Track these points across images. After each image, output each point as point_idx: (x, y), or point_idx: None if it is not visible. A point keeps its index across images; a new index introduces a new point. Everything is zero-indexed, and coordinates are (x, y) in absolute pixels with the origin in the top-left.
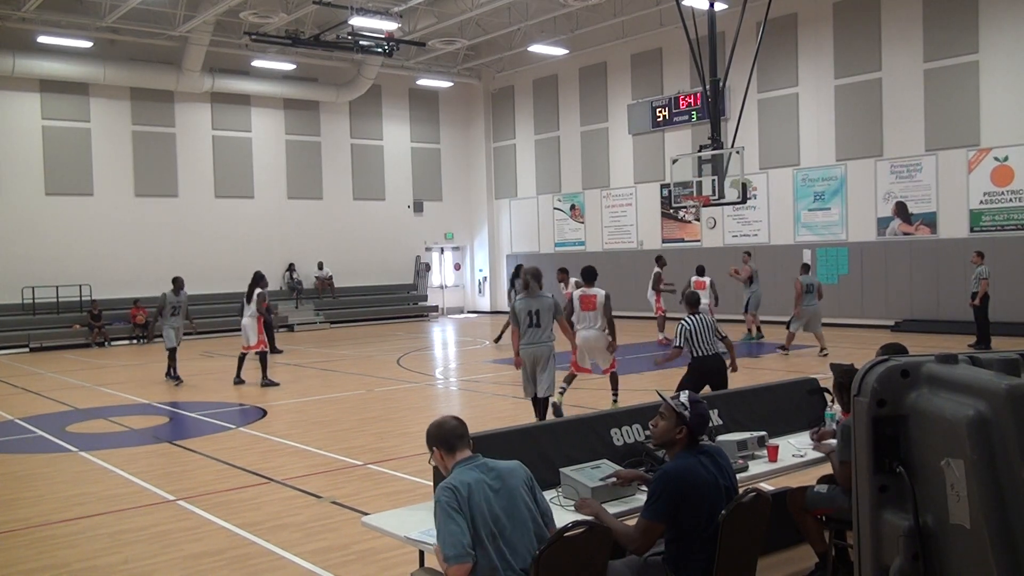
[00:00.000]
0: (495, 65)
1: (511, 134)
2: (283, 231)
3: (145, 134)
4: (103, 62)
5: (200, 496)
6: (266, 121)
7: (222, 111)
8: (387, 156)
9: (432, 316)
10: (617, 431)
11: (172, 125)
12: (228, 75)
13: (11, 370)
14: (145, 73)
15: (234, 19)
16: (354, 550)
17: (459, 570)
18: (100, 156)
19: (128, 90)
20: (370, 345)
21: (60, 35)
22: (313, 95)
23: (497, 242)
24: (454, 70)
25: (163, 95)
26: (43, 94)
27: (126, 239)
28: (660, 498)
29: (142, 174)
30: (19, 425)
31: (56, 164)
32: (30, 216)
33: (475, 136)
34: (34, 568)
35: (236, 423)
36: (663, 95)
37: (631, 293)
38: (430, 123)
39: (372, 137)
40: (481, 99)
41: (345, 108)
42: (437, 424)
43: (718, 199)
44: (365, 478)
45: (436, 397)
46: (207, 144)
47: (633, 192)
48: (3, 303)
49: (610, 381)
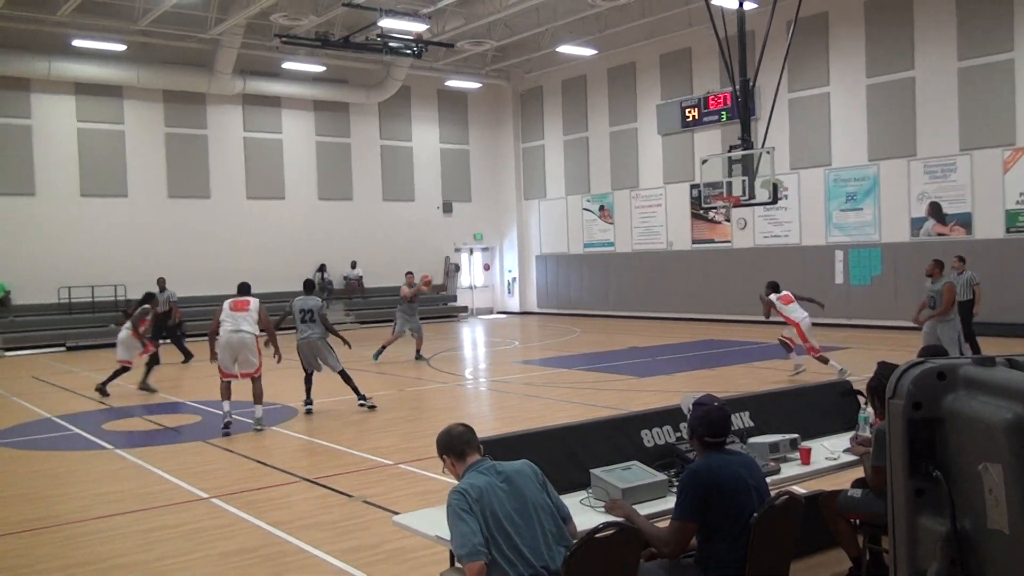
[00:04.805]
0: (523, 66)
1: (540, 135)
2: (313, 232)
3: (178, 136)
4: (136, 65)
5: (232, 494)
6: (297, 123)
7: (253, 113)
8: (416, 157)
9: (461, 316)
10: (648, 432)
11: (204, 127)
12: (259, 77)
13: (48, 368)
14: (177, 75)
15: (265, 21)
16: (384, 549)
17: (473, 567)
18: (134, 158)
19: (161, 92)
20: (399, 345)
21: (94, 38)
22: (343, 97)
23: (526, 243)
24: (483, 71)
25: (195, 97)
26: (78, 97)
27: (159, 240)
28: (687, 496)
29: (175, 176)
30: (56, 423)
31: (91, 166)
32: (66, 217)
33: (504, 137)
34: (69, 564)
35: (267, 422)
36: (692, 95)
37: (661, 293)
38: (459, 124)
39: (401, 138)
40: (510, 100)
41: (374, 109)
42: (445, 432)
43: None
44: (395, 477)
45: (466, 397)
46: (238, 146)
47: (662, 193)
48: (41, 303)
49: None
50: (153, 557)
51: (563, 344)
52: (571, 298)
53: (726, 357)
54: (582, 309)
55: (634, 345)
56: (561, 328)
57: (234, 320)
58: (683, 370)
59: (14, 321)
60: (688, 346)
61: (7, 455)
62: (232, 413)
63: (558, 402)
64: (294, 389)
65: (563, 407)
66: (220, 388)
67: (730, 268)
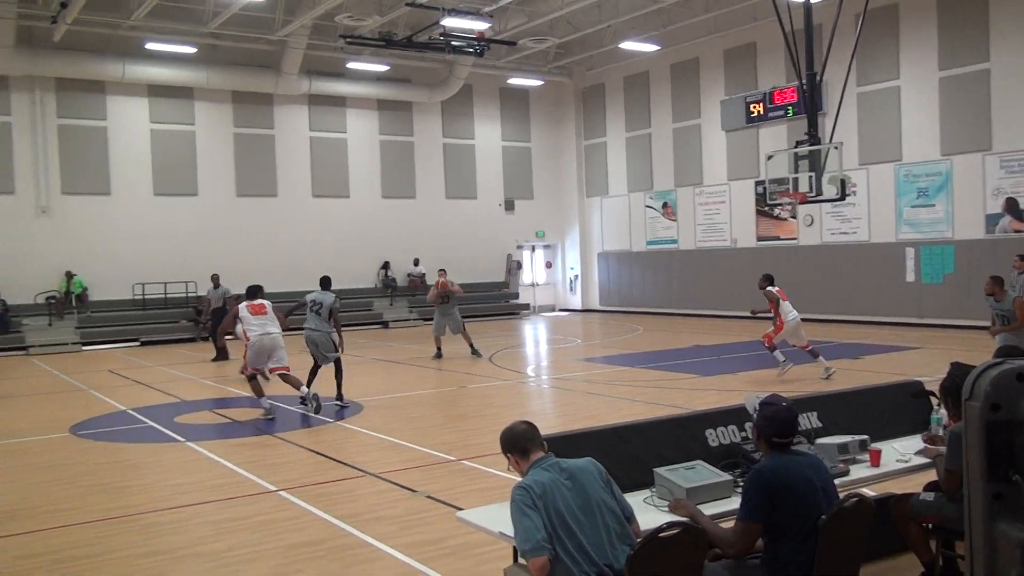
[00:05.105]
0: (586, 63)
1: (602, 132)
2: (377, 230)
3: (246, 136)
4: (206, 67)
5: (300, 487)
6: (361, 122)
7: (319, 113)
8: (478, 155)
9: (524, 314)
10: (712, 432)
11: (271, 127)
12: (324, 77)
13: (123, 363)
14: (246, 77)
15: (330, 22)
16: (449, 544)
17: (536, 562)
18: (204, 157)
19: (229, 93)
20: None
21: (166, 41)
22: (406, 96)
23: (588, 240)
24: (544, 68)
25: (263, 98)
26: (151, 98)
27: (228, 238)
28: (753, 497)
29: (243, 174)
30: (131, 415)
31: (163, 166)
32: (140, 216)
33: (566, 134)
34: (143, 553)
35: (333, 417)
36: (757, 90)
37: (725, 291)
38: (521, 122)
39: (464, 136)
40: (572, 97)
41: (437, 108)
42: (508, 430)
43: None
44: (459, 473)
45: (528, 395)
46: (304, 145)
47: (727, 189)
48: (116, 299)
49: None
50: (224, 547)
51: (625, 342)
52: (633, 296)
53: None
54: (644, 307)
55: (697, 344)
56: (623, 326)
57: (261, 324)
58: (747, 369)
59: (91, 316)
60: (752, 345)
61: (87, 446)
62: (271, 402)
63: (620, 400)
64: (357, 386)
65: (625, 405)
66: (252, 388)
67: (796, 266)
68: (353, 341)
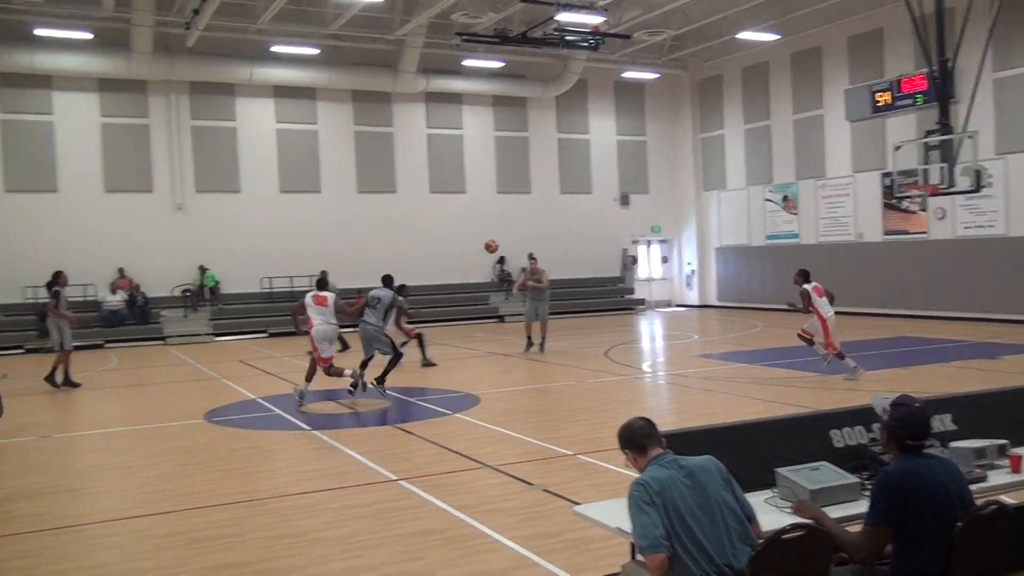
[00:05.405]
0: (702, 54)
1: (719, 124)
2: (492, 224)
3: (365, 134)
4: (328, 67)
5: (419, 477)
6: (476, 118)
7: (435, 110)
8: (593, 150)
9: (639, 309)
10: (838, 432)
11: (390, 124)
12: (440, 75)
13: (252, 353)
14: (365, 76)
15: (446, 21)
16: (565, 538)
17: (655, 559)
18: (326, 155)
19: (350, 93)
20: (577, 337)
21: (291, 44)
22: (521, 91)
23: (705, 235)
24: (660, 61)
25: (381, 96)
26: (276, 99)
27: (350, 233)
28: (882, 500)
29: (363, 171)
30: (260, 404)
31: (288, 164)
32: (267, 212)
33: (682, 127)
34: (273, 535)
35: (451, 409)
36: (883, 78)
37: (849, 287)
38: (636, 115)
39: (578, 131)
40: (688, 90)
41: (552, 103)
42: (626, 426)
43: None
44: (575, 468)
45: (645, 390)
46: (422, 142)
47: (851, 182)
48: (246, 292)
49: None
50: (346, 533)
51: (744, 338)
52: (752, 291)
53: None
54: (764, 303)
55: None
56: (742, 322)
57: (321, 314)
58: (873, 368)
59: (222, 309)
60: (878, 343)
61: (221, 432)
62: (307, 392)
63: (740, 398)
64: (476, 378)
65: (745, 403)
66: (308, 371)
67: (926, 261)
68: (468, 334)
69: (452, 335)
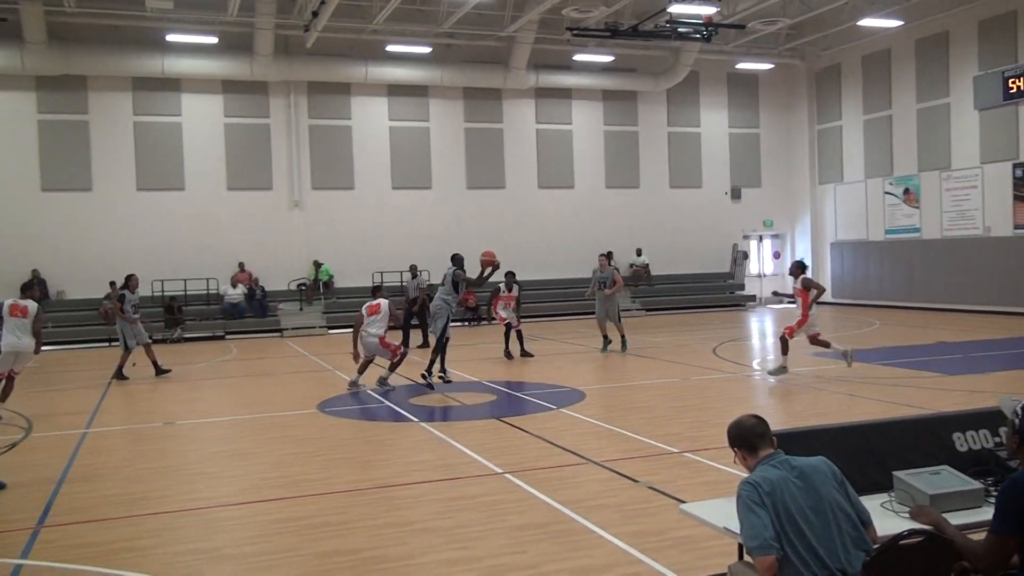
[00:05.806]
0: (820, 43)
1: (837, 115)
2: (600, 219)
3: (476, 130)
4: (440, 65)
5: (525, 471)
6: (585, 113)
7: (545, 105)
8: (704, 143)
9: (750, 305)
10: (960, 435)
11: (500, 121)
12: (551, 70)
13: None
14: (476, 73)
15: (556, 16)
16: (670, 536)
17: (764, 561)
18: (437, 152)
19: (461, 90)
20: (685, 333)
21: (405, 43)
22: (631, 85)
23: (820, 229)
24: (775, 51)
25: (492, 93)
26: (390, 97)
27: (459, 228)
28: (1009, 508)
29: (473, 167)
30: (370, 395)
31: (400, 161)
32: (380, 208)
33: (797, 119)
34: (382, 524)
35: (557, 404)
36: (1017, 64)
37: (974, 284)
38: (749, 107)
39: (689, 124)
40: (804, 80)
41: (662, 96)
42: (736, 424)
43: None
44: (681, 466)
45: (754, 389)
46: (531, 137)
47: (979, 173)
48: (358, 286)
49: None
50: (453, 524)
51: (860, 336)
52: (869, 288)
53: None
54: (882, 300)
55: (942, 340)
56: (858, 319)
57: (372, 322)
58: (1000, 369)
59: (336, 302)
60: (1006, 343)
61: (334, 422)
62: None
63: (854, 398)
64: (578, 374)
65: (860, 403)
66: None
67: None
68: (575, 330)
69: (560, 330)
